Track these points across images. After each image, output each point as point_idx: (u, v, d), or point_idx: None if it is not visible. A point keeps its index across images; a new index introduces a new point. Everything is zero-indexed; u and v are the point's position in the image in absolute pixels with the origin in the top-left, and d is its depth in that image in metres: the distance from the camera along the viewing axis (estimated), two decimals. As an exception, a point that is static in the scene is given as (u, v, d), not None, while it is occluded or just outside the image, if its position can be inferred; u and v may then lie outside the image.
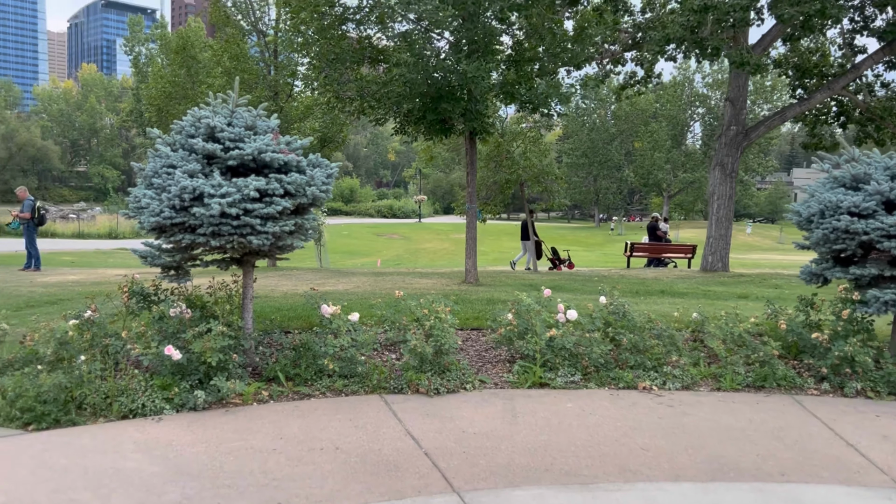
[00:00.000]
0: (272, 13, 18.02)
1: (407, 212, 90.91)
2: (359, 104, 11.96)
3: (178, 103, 17.70)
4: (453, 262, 34.35)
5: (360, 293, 10.82)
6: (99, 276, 14.57)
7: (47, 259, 20.02)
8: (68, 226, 41.18)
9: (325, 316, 6.43)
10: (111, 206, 66.61)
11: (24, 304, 9.68)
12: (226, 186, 5.69)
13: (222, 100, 6.46)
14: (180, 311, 6.02)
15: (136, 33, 65.76)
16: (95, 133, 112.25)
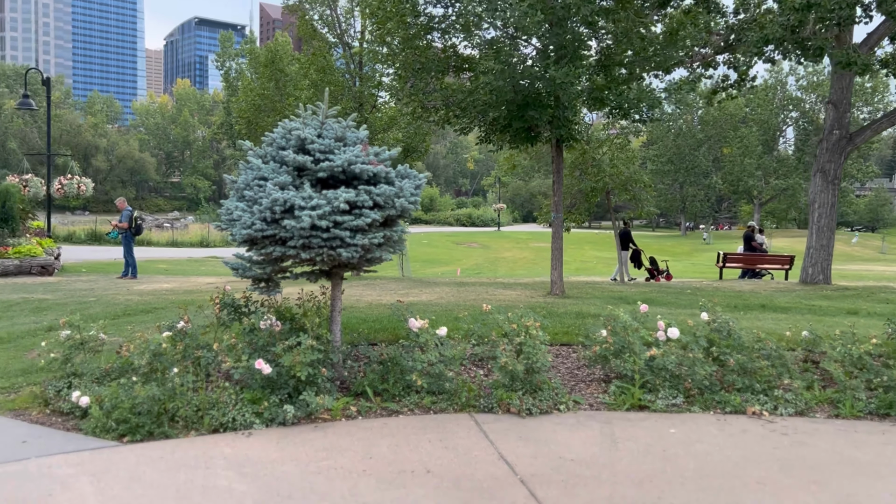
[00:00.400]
0: (357, 25, 18.24)
1: (486, 220, 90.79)
2: (444, 113, 11.85)
3: (266, 116, 18.11)
4: (533, 272, 33.90)
5: (444, 304, 10.66)
6: (191, 284, 14.99)
7: (143, 267, 20.85)
8: (163, 234, 43.01)
9: (413, 330, 6.28)
10: (203, 215, 69.38)
11: (122, 313, 9.99)
12: (316, 198, 5.62)
13: (312, 111, 6.43)
14: (270, 324, 5.99)
15: (226, 49, 68.33)
16: (188, 145, 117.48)
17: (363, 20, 17.56)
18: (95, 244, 35.49)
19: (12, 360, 7.17)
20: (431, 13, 11.79)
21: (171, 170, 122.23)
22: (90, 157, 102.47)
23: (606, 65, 11.65)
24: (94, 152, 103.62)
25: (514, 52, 10.66)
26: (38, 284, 14.23)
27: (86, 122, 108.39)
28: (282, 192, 5.65)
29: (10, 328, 8.93)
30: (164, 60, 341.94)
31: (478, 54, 11.60)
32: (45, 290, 13.08)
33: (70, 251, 26.67)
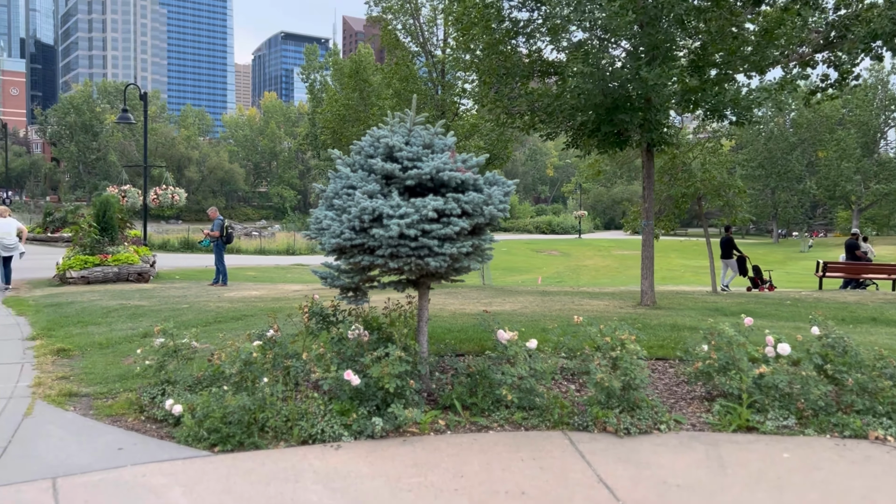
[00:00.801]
0: (440, 33, 18.25)
1: (566, 227, 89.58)
2: (529, 119, 11.61)
3: (351, 125, 18.34)
4: (618, 280, 33.07)
5: (530, 315, 10.40)
6: (279, 291, 15.27)
7: (233, 274, 21.45)
8: (251, 242, 44.36)
9: (502, 342, 6.06)
10: (289, 224, 71.34)
11: (213, 320, 10.20)
12: (404, 207, 5.51)
13: (399, 119, 6.34)
14: (358, 334, 5.91)
15: (311, 61, 70.10)
16: (275, 156, 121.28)
17: (446, 28, 17.56)
18: (188, 252, 36.92)
19: (110, 366, 7.38)
20: (516, 18, 11.60)
21: (258, 180, 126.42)
22: (183, 168, 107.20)
23: (700, 65, 11.16)
24: (186, 164, 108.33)
25: (603, 54, 10.32)
26: (135, 291, 14.80)
27: (179, 135, 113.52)
28: (370, 201, 5.57)
29: (109, 334, 9.25)
30: (252, 74, 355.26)
31: (564, 58, 11.32)
32: (141, 296, 13.57)
33: (164, 259, 27.80)
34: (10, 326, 10.14)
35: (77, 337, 9.10)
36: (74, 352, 8.20)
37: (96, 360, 7.77)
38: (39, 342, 8.83)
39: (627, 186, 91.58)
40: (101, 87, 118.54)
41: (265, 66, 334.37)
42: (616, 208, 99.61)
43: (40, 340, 8.95)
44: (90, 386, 6.58)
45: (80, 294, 13.99)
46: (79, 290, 15.04)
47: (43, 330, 9.63)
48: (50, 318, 10.72)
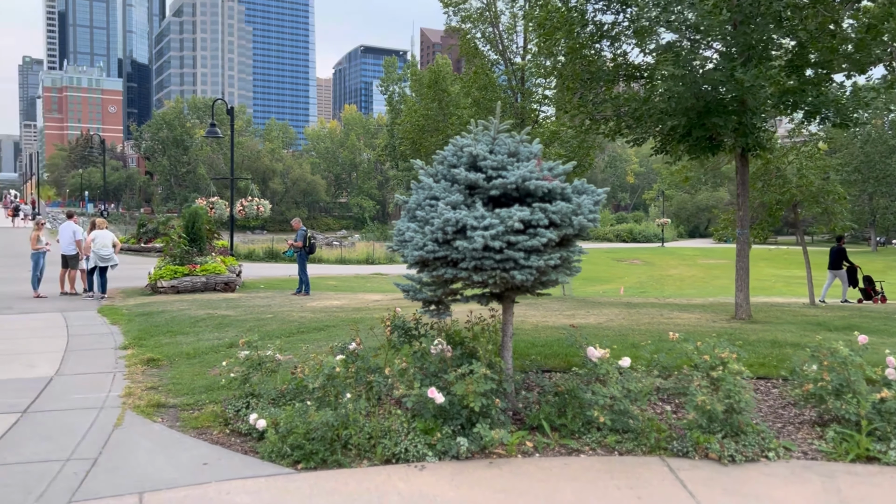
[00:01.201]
0: (520, 40, 18.02)
1: (648, 236, 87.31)
2: (615, 124, 11.22)
3: (430, 135, 18.33)
4: (705, 291, 31.82)
5: (617, 328, 9.99)
6: (359, 301, 15.32)
7: (315, 283, 21.76)
8: (332, 252, 45.13)
9: (592, 360, 5.75)
10: (368, 233, 72.46)
11: (296, 330, 10.26)
12: (489, 218, 5.30)
13: (483, 127, 6.14)
14: (441, 349, 5.73)
15: (390, 74, 71.22)
16: (355, 167, 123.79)
17: (526, 34, 17.32)
18: (272, 261, 37.86)
19: (197, 377, 7.46)
20: (600, 21, 11.24)
21: (339, 191, 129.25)
22: (268, 180, 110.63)
23: (797, 65, 10.50)
24: (271, 175, 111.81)
25: (694, 55, 9.84)
26: (222, 300, 15.15)
27: (264, 148, 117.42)
28: (453, 212, 5.39)
29: (196, 343, 9.41)
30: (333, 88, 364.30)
31: (652, 60, 10.89)
32: (227, 306, 13.86)
33: (249, 268, 28.54)
34: (105, 335, 10.49)
35: (166, 347, 9.30)
36: (163, 362, 8.36)
37: (184, 370, 7.89)
38: (130, 351, 9.07)
39: (713, 193, 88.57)
40: (192, 104, 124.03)
41: (345, 80, 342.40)
42: (701, 216, 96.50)
43: (131, 350, 9.19)
44: (177, 397, 6.65)
45: (170, 303, 14.42)
46: (169, 299, 15.52)
47: (134, 339, 9.91)
48: (141, 327, 11.04)
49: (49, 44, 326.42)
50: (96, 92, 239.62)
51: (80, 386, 7.15)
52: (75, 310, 13.88)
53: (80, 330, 11.07)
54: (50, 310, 13.84)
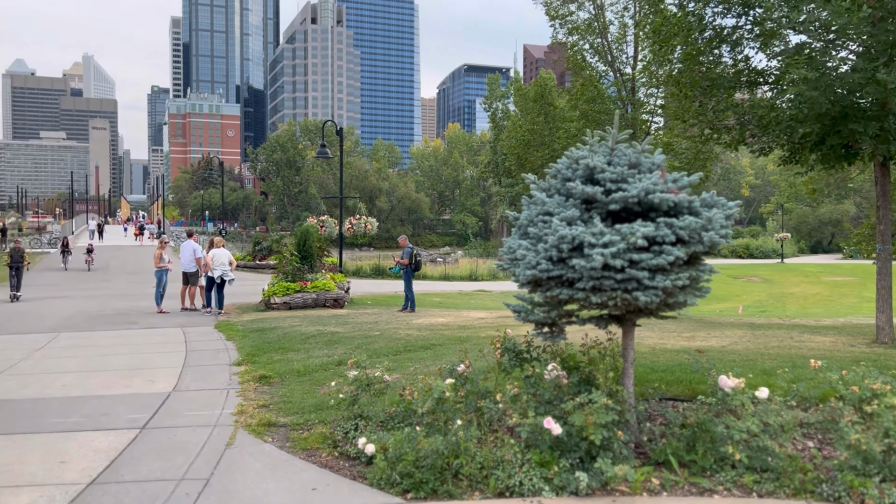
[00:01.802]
0: (630, 50, 17.45)
1: (766, 251, 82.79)
2: (738, 133, 10.50)
3: (535, 150, 18.01)
4: (833, 311, 29.58)
5: (743, 352, 9.26)
6: (464, 319, 15.13)
7: (419, 300, 21.80)
8: (436, 268, 45.40)
9: (724, 390, 5.24)
10: (471, 250, 72.66)
11: (402, 349, 10.16)
12: (608, 234, 4.93)
13: (600, 137, 5.78)
14: (556, 375, 5.38)
15: (493, 90, 71.51)
16: (458, 184, 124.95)
17: (636, 44, 16.72)
18: (379, 278, 38.48)
19: (307, 395, 7.44)
20: (720, 25, 10.60)
21: (442, 208, 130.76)
22: (374, 198, 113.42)
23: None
24: (377, 194, 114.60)
25: (828, 56, 9.06)
26: (331, 317, 15.36)
27: (371, 168, 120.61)
28: (569, 228, 5.06)
29: (307, 361, 9.47)
30: (437, 107, 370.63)
31: (777, 64, 10.13)
32: (336, 322, 14.01)
33: (357, 284, 29.07)
34: (220, 351, 10.77)
35: (277, 364, 9.41)
36: (274, 379, 8.43)
37: (294, 387, 7.91)
38: (244, 368, 9.23)
39: (837, 206, 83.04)
40: (303, 126, 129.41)
41: (449, 99, 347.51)
42: (824, 230, 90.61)
43: (245, 366, 9.35)
44: (287, 416, 6.62)
45: (282, 319, 14.75)
46: (281, 315, 15.90)
47: (247, 356, 10.11)
48: (254, 343, 11.28)
49: (174, 73, 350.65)
50: (216, 117, 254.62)
51: (196, 402, 7.28)
52: (194, 325, 14.43)
53: (197, 345, 11.43)
54: (171, 325, 14.46)
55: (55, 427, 6.30)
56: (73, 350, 11.08)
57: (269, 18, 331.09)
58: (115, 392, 7.81)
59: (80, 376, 8.81)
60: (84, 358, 10.35)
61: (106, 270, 35.06)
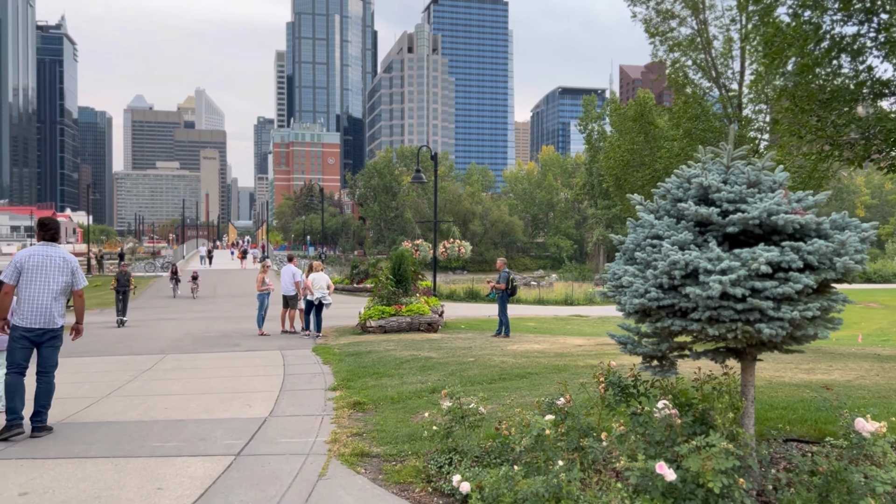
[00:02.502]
0: (736, 65, 16.62)
1: (886, 276, 77.30)
2: (862, 149, 9.67)
3: (635, 170, 17.41)
4: (969, 342, 26.97)
5: (872, 388, 8.40)
6: (560, 346, 14.66)
7: (514, 324, 21.42)
8: (530, 292, 44.81)
9: (862, 434, 4.65)
10: (566, 273, 71.40)
11: (497, 377, 9.85)
12: (727, 260, 4.49)
13: (713, 154, 5.35)
14: (668, 414, 4.94)
15: (589, 112, 70.59)
16: (552, 207, 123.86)
17: (743, 58, 15.91)
18: (472, 301, 38.33)
19: (400, 423, 7.26)
20: (839, 34, 9.85)
21: (536, 231, 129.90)
22: (468, 222, 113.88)
23: None
24: (471, 218, 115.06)
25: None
26: (425, 341, 15.24)
27: (465, 192, 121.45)
28: (681, 253, 4.64)
29: (400, 387, 9.32)
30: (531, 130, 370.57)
31: (909, 73, 9.29)
32: (430, 347, 13.87)
33: (451, 308, 28.99)
34: (316, 375, 10.81)
35: (372, 389, 9.31)
36: (368, 405, 8.31)
37: (388, 415, 7.75)
38: (339, 393, 9.18)
39: None
40: (400, 153, 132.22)
41: (543, 122, 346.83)
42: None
43: (340, 391, 9.30)
44: (380, 446, 6.44)
45: (377, 343, 14.75)
46: (376, 338, 15.93)
47: (343, 381, 10.07)
48: (349, 368, 11.26)
49: (279, 104, 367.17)
50: (317, 146, 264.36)
51: (290, 429, 7.23)
52: (293, 348, 14.65)
53: (294, 369, 11.54)
54: (271, 348, 14.74)
55: (155, 451, 6.37)
56: (177, 372, 11.41)
57: (367, 49, 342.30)
58: (213, 416, 7.89)
59: (182, 399, 9.00)
60: (187, 380, 10.61)
61: (213, 293, 36.63)
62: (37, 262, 7.13)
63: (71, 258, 7.38)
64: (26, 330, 7.07)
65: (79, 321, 7.60)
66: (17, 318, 7.13)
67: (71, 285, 7.33)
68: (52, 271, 7.17)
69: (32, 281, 7.08)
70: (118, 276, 22.46)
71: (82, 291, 7.54)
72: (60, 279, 7.20)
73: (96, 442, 6.72)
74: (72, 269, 7.30)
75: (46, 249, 7.26)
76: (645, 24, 18.50)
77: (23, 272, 7.10)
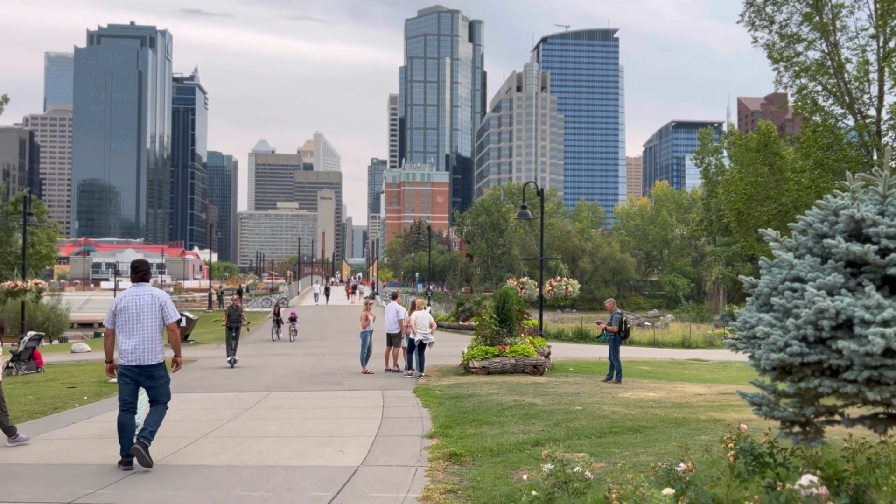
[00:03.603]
0: (874, 89, 15.11)
1: None
2: None
3: (759, 204, 16.12)
4: None
5: None
6: (678, 394, 13.54)
7: (626, 367, 20.21)
8: (644, 333, 42.86)
9: None
10: (682, 313, 68.24)
11: (607, 429, 9.04)
12: (889, 308, 3.68)
13: (863, 182, 4.54)
14: (815, 493, 4.10)
15: (706, 145, 67.92)
16: (666, 244, 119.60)
17: (881, 81, 14.48)
18: (581, 342, 37.00)
19: (498, 481, 6.65)
20: None
21: (649, 269, 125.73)
22: (577, 259, 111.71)
23: None
24: (580, 255, 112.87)
25: None
26: (529, 385, 14.53)
27: (573, 228, 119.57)
28: (830, 300, 3.87)
29: (501, 437, 8.71)
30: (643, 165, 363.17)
31: None
32: (535, 392, 13.15)
33: (558, 348, 27.96)
34: (414, 420, 10.37)
35: (470, 438, 8.75)
36: (465, 457, 7.75)
37: (485, 469, 7.17)
38: (436, 441, 8.68)
39: None
40: (507, 190, 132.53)
41: (655, 156, 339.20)
42: None
43: (437, 440, 8.80)
44: (475, 506, 5.87)
45: (479, 385, 14.19)
46: (479, 380, 15.37)
47: (441, 427, 9.57)
48: (448, 413, 10.75)
49: (391, 145, 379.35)
50: (427, 185, 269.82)
51: (381, 481, 6.79)
52: (394, 388, 14.34)
53: (393, 411, 11.16)
54: (372, 387, 14.49)
55: (240, 501, 6.08)
56: (277, 412, 11.30)
57: (476, 90, 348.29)
58: (305, 462, 7.59)
59: (276, 442, 8.78)
60: (285, 420, 10.46)
61: (324, 329, 37.32)
62: (128, 303, 7.42)
63: (159, 294, 7.60)
64: (126, 368, 7.35)
65: (176, 354, 7.78)
66: (119, 358, 7.43)
67: (163, 320, 7.50)
68: (143, 310, 7.39)
69: (126, 322, 7.37)
70: (229, 310, 21.70)
71: (175, 325, 7.67)
72: (151, 317, 7.40)
73: (184, 488, 6.53)
74: (160, 305, 7.47)
75: (136, 290, 7.52)
76: (767, 50, 17.32)
77: (118, 315, 7.42)
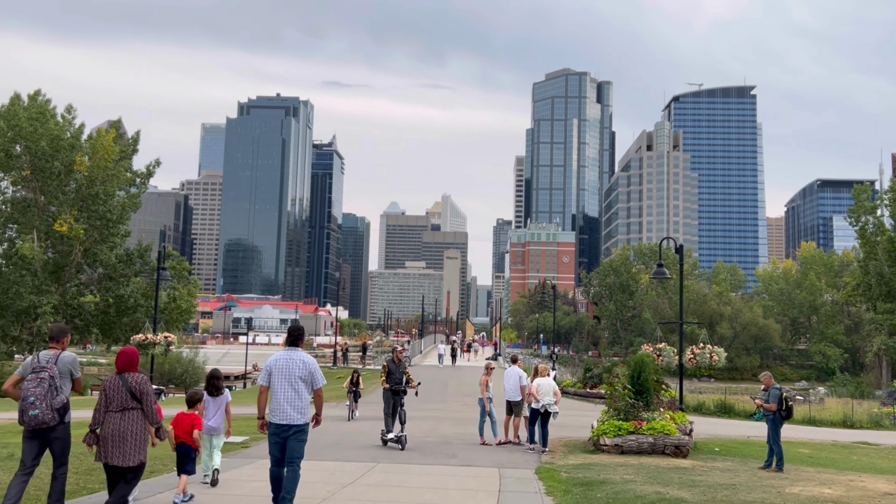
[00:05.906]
0: None
1: None
2: None
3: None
4: None
5: None
6: (860, 492, 11.07)
7: (783, 449, 17.52)
8: (797, 409, 38.37)
9: None
10: (837, 387, 61.47)
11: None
12: None
13: None
14: None
15: (861, 203, 62.08)
16: (815, 310, 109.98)
17: None
18: (724, 416, 33.55)
19: None
20: None
21: (795, 336, 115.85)
22: (714, 324, 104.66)
23: None
24: (718, 320, 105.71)
25: None
26: (672, 470, 12.50)
27: (710, 291, 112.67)
28: None
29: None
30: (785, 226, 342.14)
31: None
32: (680, 481, 11.17)
33: (699, 423, 25.10)
34: (536, 511, 8.80)
35: (604, 543, 7.08)
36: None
37: None
38: (561, 545, 7.08)
39: None
40: (637, 250, 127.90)
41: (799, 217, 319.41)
42: None
43: (562, 542, 7.20)
44: None
45: (613, 468, 12.35)
46: (612, 461, 13.49)
47: (567, 525, 7.95)
48: (577, 504, 9.08)
49: (517, 206, 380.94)
50: (552, 245, 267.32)
51: None
52: (513, 465, 12.80)
53: (510, 497, 9.64)
54: (489, 463, 13.01)
55: None
56: (379, 490, 10.07)
57: (604, 150, 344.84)
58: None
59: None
60: (386, 503, 9.18)
61: (443, 391, 36.19)
62: (282, 365, 7.95)
63: (309, 360, 8.09)
64: (275, 426, 7.86)
65: (318, 413, 8.31)
66: (271, 416, 7.93)
67: (311, 384, 8.00)
68: (294, 373, 7.90)
69: (278, 382, 7.89)
70: (389, 366, 17.27)
71: (321, 391, 8.16)
72: (300, 381, 7.90)
73: None
74: (310, 371, 7.98)
75: (290, 353, 8.06)
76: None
77: (272, 374, 7.95)
